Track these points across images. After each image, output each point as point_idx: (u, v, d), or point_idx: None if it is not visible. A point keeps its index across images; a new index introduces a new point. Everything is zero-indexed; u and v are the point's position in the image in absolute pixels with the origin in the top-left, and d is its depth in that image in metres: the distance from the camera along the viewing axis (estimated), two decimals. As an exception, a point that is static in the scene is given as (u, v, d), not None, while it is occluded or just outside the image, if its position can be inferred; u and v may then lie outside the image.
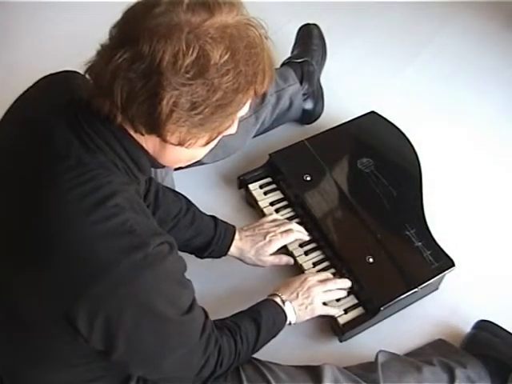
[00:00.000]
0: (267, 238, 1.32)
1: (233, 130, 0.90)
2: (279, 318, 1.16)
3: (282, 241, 1.34)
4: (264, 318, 1.12)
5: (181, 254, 0.92)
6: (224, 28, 0.78)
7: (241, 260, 1.34)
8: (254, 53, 0.81)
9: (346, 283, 1.31)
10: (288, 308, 1.20)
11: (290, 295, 1.21)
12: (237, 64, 0.79)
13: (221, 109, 0.81)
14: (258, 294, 1.22)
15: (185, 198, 1.29)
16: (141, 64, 0.76)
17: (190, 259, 1.07)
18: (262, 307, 1.16)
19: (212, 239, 1.28)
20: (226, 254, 1.31)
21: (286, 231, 1.35)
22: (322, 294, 1.25)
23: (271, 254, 1.34)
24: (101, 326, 0.81)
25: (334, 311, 1.29)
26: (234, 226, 1.33)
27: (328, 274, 1.31)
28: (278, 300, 1.20)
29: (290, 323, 1.21)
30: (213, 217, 1.31)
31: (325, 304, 1.27)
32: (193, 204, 1.29)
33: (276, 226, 1.35)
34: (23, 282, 0.81)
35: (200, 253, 1.30)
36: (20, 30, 1.96)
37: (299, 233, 1.37)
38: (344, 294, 1.30)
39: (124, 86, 0.77)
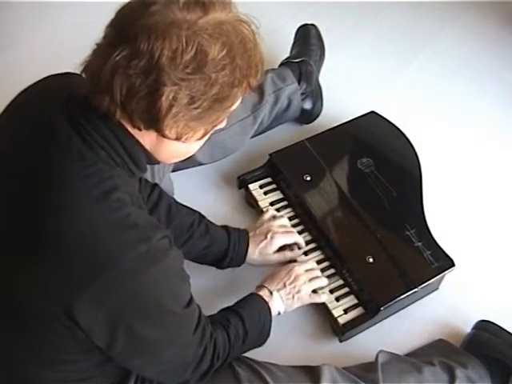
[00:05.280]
0: (268, 237, 1.32)
1: (224, 123, 0.91)
2: (263, 310, 1.17)
3: (283, 238, 1.34)
4: (247, 310, 1.14)
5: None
6: (219, 24, 0.80)
7: (248, 263, 1.33)
8: (248, 48, 0.83)
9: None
10: (276, 298, 1.21)
11: (276, 285, 1.23)
12: (233, 59, 0.81)
13: (218, 102, 0.83)
14: (246, 285, 1.25)
15: (197, 211, 1.30)
16: (140, 61, 0.77)
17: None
18: (244, 301, 1.17)
19: (228, 247, 1.28)
20: (244, 260, 1.32)
21: (287, 231, 1.35)
22: (309, 282, 1.27)
23: (274, 252, 1.33)
24: (103, 320, 0.82)
25: (323, 298, 1.29)
26: (246, 230, 1.33)
27: (314, 264, 1.32)
28: (264, 291, 1.21)
29: (279, 313, 1.22)
30: (225, 226, 1.31)
31: (314, 292, 1.28)
32: (204, 216, 1.30)
33: (277, 225, 1.35)
34: (29, 279, 0.81)
35: (219, 263, 1.30)
36: (20, 29, 1.96)
37: (299, 236, 1.37)
38: (327, 282, 1.31)
39: (123, 83, 0.78)
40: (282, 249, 1.35)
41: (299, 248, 1.38)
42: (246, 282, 1.34)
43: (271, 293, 1.21)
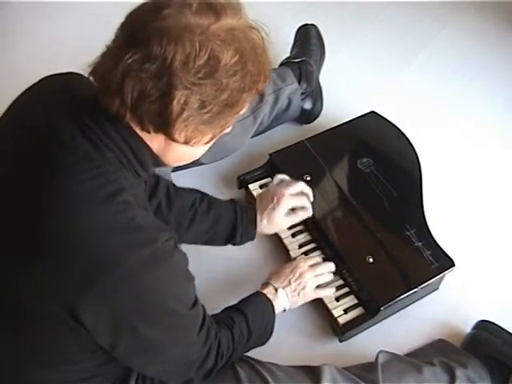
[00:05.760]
0: (275, 200, 1.31)
1: (230, 128, 0.92)
2: (267, 309, 1.17)
3: (290, 200, 1.33)
4: (251, 309, 1.14)
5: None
6: (231, 31, 0.81)
7: (260, 232, 1.33)
8: (258, 54, 0.84)
9: (333, 266, 1.32)
10: (281, 295, 1.21)
11: (282, 282, 1.23)
12: (245, 65, 0.82)
13: (228, 107, 0.84)
14: (250, 284, 1.24)
15: (197, 190, 1.30)
16: (152, 64, 0.78)
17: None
18: (248, 300, 1.18)
19: (235, 218, 1.28)
20: (255, 227, 1.30)
21: (295, 193, 1.34)
22: (314, 278, 1.27)
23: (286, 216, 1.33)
24: (107, 321, 0.82)
25: (328, 292, 1.30)
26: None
27: (318, 259, 1.32)
28: (270, 288, 1.21)
29: (284, 310, 1.22)
30: (230, 199, 1.32)
31: (317, 287, 1.28)
32: (206, 194, 1.30)
33: (283, 186, 1.34)
34: (31, 279, 0.81)
35: (232, 237, 1.29)
36: (20, 29, 1.96)
37: (307, 201, 1.36)
38: (332, 277, 1.31)
39: (135, 86, 0.79)
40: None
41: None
42: (249, 280, 1.34)
43: (276, 290, 1.21)
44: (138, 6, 0.83)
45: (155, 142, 0.88)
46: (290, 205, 1.33)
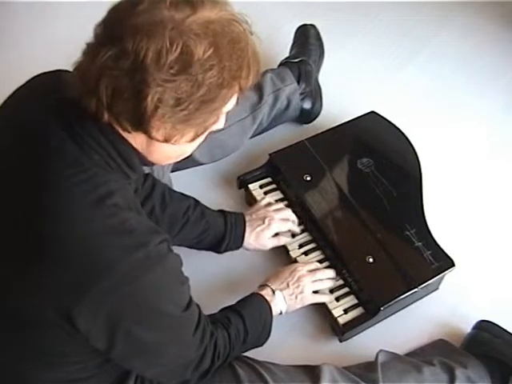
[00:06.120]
0: (266, 222, 1.34)
1: (220, 125, 0.90)
2: (264, 310, 1.17)
3: (281, 225, 1.36)
4: (248, 310, 1.14)
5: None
6: (207, 24, 0.78)
7: (243, 247, 1.34)
8: (238, 48, 0.81)
9: (334, 273, 1.33)
10: (278, 297, 1.21)
11: (280, 285, 1.23)
12: (220, 59, 0.79)
13: (205, 104, 0.81)
14: (248, 285, 1.24)
15: (191, 197, 1.31)
16: (125, 61, 0.76)
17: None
18: (245, 301, 1.18)
19: (225, 230, 1.29)
20: (241, 243, 1.33)
21: (283, 218, 1.37)
22: (312, 283, 1.27)
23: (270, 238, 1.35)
24: (102, 325, 0.82)
25: (325, 298, 1.30)
26: (242, 214, 1.35)
27: (317, 264, 1.33)
28: (267, 290, 1.21)
29: (280, 312, 1.22)
30: (221, 210, 1.33)
31: (315, 292, 1.28)
32: (199, 201, 1.31)
33: (272, 210, 1.37)
34: (25, 283, 0.81)
35: (217, 247, 1.31)
36: (20, 29, 1.96)
37: (293, 224, 1.39)
38: (332, 283, 1.32)
39: (109, 84, 0.77)
40: (276, 234, 1.37)
41: (293, 236, 1.40)
42: (246, 281, 1.34)
43: (274, 292, 1.21)
44: (117, 3, 0.81)
45: (138, 141, 0.86)
46: (280, 229, 1.36)
